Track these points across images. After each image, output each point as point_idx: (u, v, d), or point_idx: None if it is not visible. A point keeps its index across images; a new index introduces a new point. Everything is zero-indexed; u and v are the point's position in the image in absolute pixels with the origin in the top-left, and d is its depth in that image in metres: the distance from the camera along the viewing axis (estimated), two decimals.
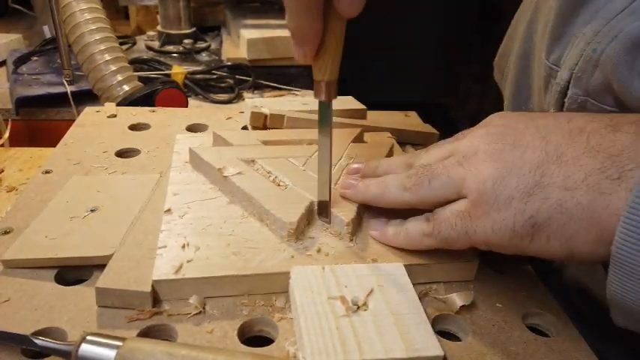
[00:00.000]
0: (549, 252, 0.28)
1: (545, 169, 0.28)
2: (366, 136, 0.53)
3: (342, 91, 1.03)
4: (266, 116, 0.53)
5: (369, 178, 0.38)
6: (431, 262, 0.35)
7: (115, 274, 0.32)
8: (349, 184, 0.39)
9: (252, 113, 0.53)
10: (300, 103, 0.58)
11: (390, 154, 0.48)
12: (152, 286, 0.32)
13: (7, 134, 0.66)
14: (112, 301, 0.31)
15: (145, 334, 0.30)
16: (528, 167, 0.28)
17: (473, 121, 0.34)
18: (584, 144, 0.28)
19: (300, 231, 0.36)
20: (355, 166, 0.41)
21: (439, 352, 0.28)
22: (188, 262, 0.33)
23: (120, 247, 0.35)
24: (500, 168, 0.29)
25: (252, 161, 0.43)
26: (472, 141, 0.32)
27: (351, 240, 0.36)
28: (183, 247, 0.34)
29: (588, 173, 0.26)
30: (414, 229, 0.34)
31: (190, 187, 0.42)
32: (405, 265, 0.34)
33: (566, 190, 0.27)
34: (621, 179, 0.25)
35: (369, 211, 0.39)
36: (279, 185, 0.40)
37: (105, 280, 0.32)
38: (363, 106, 0.58)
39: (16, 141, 0.68)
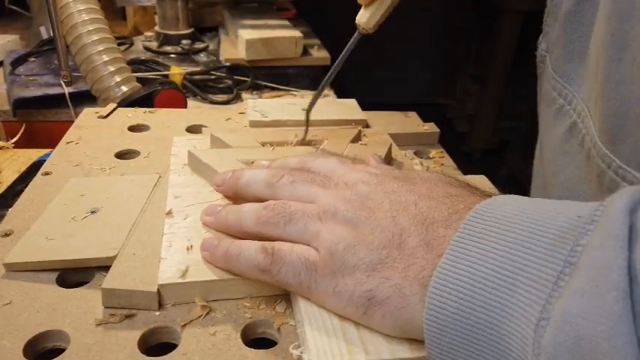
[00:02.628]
0: (382, 327, 0.28)
1: (390, 251, 0.28)
2: (365, 136, 0.53)
3: (343, 92, 1.03)
4: None
5: (235, 193, 0.38)
6: None
7: (121, 275, 0.32)
8: (213, 209, 0.37)
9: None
10: (300, 108, 0.58)
11: (388, 153, 0.48)
12: (157, 289, 0.31)
13: (17, 137, 0.66)
14: (118, 302, 0.31)
15: (148, 335, 0.30)
16: (377, 244, 0.29)
17: (471, 120, 0.34)
18: (423, 235, 0.28)
19: None
20: (220, 177, 0.39)
21: None
22: (193, 265, 0.33)
23: (124, 248, 0.34)
24: (353, 236, 0.29)
25: (252, 163, 0.43)
26: (335, 200, 0.31)
27: None
28: (188, 250, 0.34)
29: (423, 267, 0.27)
30: (247, 259, 0.31)
31: (191, 189, 0.41)
32: None
33: (405, 278, 0.27)
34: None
35: None
36: None
37: (111, 280, 0.32)
38: (364, 117, 0.58)
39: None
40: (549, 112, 0.41)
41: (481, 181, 0.46)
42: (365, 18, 0.42)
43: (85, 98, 0.86)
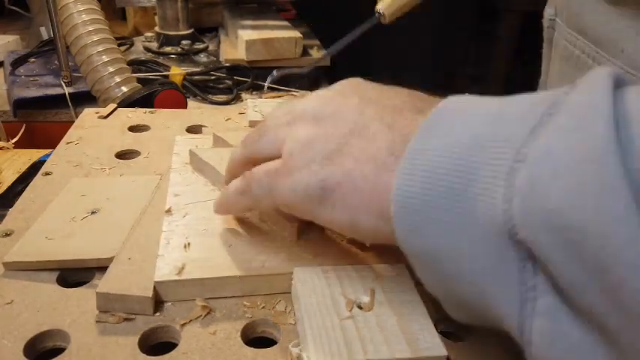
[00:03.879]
0: (334, 220, 0.28)
1: (348, 140, 0.28)
2: None
3: None
4: None
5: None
6: None
7: (116, 279, 0.32)
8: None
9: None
10: None
11: None
12: (154, 288, 0.31)
13: (17, 137, 0.66)
14: (112, 306, 0.31)
15: (148, 335, 0.30)
16: (336, 135, 0.28)
17: None
18: (389, 121, 0.28)
19: (301, 231, 0.36)
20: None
21: (443, 352, 0.28)
22: (190, 262, 0.33)
23: (121, 251, 0.34)
24: (313, 132, 0.29)
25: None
26: (306, 102, 0.32)
27: (353, 240, 0.36)
28: (185, 247, 0.34)
29: (380, 148, 0.27)
30: (232, 188, 0.33)
31: (191, 188, 0.41)
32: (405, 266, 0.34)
33: (357, 161, 0.27)
34: (399, 156, 0.25)
35: None
36: None
37: (105, 284, 0.31)
38: None
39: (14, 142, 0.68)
40: (569, 67, 0.42)
41: None
42: (386, 3, 0.42)
43: (85, 99, 0.86)
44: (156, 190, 0.42)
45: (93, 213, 0.39)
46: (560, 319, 0.19)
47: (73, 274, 0.35)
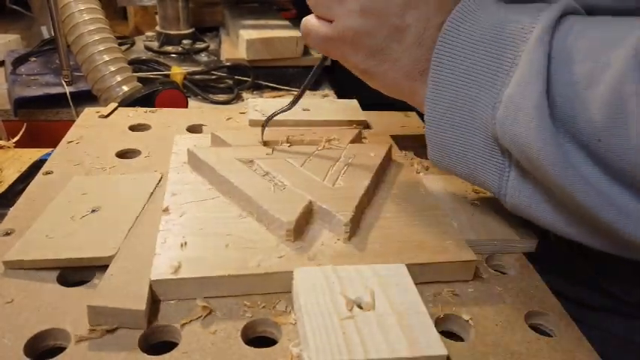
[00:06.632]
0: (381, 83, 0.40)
1: (389, 44, 0.37)
2: (365, 137, 0.53)
3: (343, 92, 1.03)
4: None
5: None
6: (429, 262, 0.35)
7: (109, 291, 0.31)
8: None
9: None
10: (300, 108, 0.58)
11: (388, 154, 0.48)
12: (149, 288, 0.31)
13: (18, 137, 0.66)
14: (104, 320, 0.30)
15: (148, 334, 0.30)
16: (381, 35, 0.37)
17: None
18: (420, 34, 0.36)
19: (298, 231, 0.36)
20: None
21: (443, 351, 0.28)
22: (186, 261, 0.33)
23: (115, 261, 0.34)
24: (363, 23, 0.37)
25: (251, 161, 0.43)
26: None
27: (350, 240, 0.36)
28: (182, 246, 0.34)
29: (409, 62, 0.37)
30: (302, 30, 0.42)
31: (189, 187, 0.42)
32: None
33: (392, 67, 0.38)
34: (423, 72, 0.37)
35: (369, 209, 0.39)
36: (277, 185, 0.40)
37: (98, 297, 0.30)
38: (364, 117, 0.58)
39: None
40: None
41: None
42: None
43: (86, 98, 0.86)
44: (156, 188, 0.42)
45: (93, 211, 0.39)
46: (523, 178, 0.34)
47: (74, 274, 0.35)
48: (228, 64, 0.98)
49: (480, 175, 0.36)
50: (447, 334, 0.32)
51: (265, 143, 0.47)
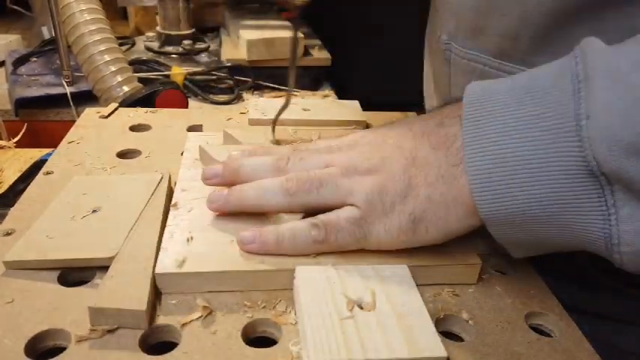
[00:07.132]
0: (429, 239, 0.33)
1: (409, 173, 0.33)
2: None
3: (343, 92, 1.03)
4: None
5: (234, 184, 0.37)
6: (433, 264, 0.35)
7: (110, 292, 0.31)
8: (217, 196, 0.37)
9: None
10: (301, 108, 0.58)
11: None
12: (151, 286, 0.31)
13: (18, 137, 0.66)
14: (105, 320, 0.30)
15: (149, 334, 0.30)
16: (398, 175, 0.33)
17: None
18: (427, 144, 0.33)
19: None
20: (211, 170, 0.38)
21: (442, 352, 0.28)
22: (191, 256, 0.33)
23: (116, 262, 0.33)
24: (379, 180, 0.33)
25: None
26: (349, 156, 0.35)
27: None
28: (188, 241, 0.34)
29: (439, 166, 0.32)
30: (302, 236, 0.34)
31: (198, 183, 0.42)
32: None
33: (429, 185, 0.32)
34: (459, 163, 0.32)
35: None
36: None
37: (99, 298, 0.30)
38: (364, 118, 0.58)
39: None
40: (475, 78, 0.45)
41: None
42: None
43: (87, 98, 0.86)
44: (157, 188, 0.42)
45: (94, 212, 0.39)
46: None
47: (74, 274, 0.35)
48: (228, 64, 0.99)
49: (573, 230, 0.29)
50: (447, 335, 0.32)
51: (277, 142, 0.48)
